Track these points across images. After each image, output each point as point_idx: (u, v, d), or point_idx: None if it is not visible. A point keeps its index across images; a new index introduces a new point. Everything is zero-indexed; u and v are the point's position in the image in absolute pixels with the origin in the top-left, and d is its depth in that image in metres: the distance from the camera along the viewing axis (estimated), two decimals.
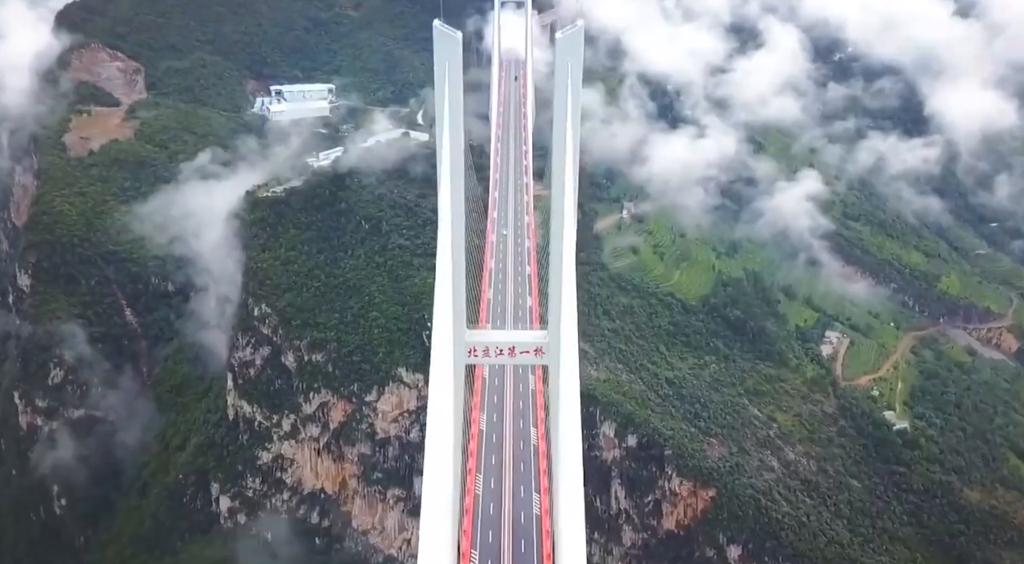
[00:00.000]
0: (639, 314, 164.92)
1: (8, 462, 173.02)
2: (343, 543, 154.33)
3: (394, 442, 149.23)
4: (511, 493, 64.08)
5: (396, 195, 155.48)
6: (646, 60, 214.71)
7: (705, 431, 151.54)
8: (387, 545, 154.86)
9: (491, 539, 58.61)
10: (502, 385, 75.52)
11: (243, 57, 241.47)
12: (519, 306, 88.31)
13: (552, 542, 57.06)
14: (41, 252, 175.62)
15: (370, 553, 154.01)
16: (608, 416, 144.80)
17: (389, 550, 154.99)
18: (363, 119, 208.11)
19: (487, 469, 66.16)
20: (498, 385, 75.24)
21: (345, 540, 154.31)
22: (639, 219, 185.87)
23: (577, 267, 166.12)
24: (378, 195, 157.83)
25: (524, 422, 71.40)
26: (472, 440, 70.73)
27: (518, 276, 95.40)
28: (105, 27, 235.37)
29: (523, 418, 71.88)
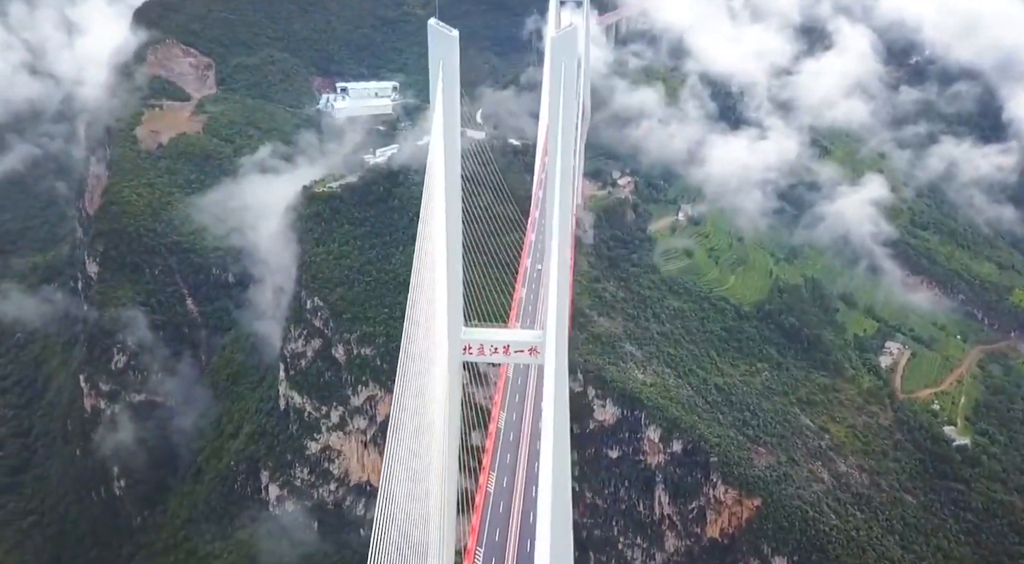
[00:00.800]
0: (690, 318, 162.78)
1: (73, 443, 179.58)
2: None
3: None
4: (522, 492, 64.20)
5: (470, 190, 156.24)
6: (709, 60, 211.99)
7: (753, 439, 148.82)
8: None
9: (497, 537, 58.79)
10: (524, 384, 75.54)
11: (311, 54, 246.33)
12: None
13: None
14: (109, 241, 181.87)
15: None
16: (653, 421, 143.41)
17: None
18: (422, 117, 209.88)
19: (500, 467, 66.36)
20: (520, 384, 75.29)
21: None
22: (695, 222, 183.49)
23: (628, 269, 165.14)
24: None
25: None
26: (489, 438, 71.07)
27: None
28: (180, 24, 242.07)
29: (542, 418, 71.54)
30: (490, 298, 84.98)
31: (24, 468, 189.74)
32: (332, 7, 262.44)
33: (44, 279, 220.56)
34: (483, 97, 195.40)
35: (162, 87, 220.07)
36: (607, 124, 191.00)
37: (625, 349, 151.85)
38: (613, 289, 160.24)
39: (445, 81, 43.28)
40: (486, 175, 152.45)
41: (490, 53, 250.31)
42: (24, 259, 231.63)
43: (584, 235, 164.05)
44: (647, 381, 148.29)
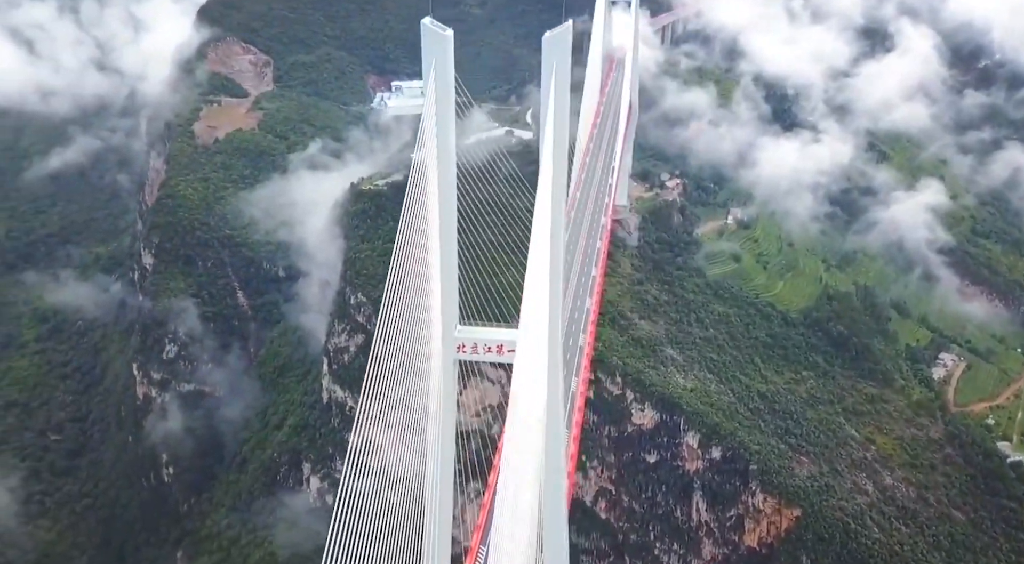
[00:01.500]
0: (735, 324, 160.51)
1: (126, 429, 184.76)
2: None
3: (475, 436, 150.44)
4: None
5: (488, 192, 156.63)
6: (764, 61, 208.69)
7: (795, 448, 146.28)
8: (464, 537, 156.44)
9: None
10: None
11: (367, 52, 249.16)
12: (576, 308, 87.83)
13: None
14: (164, 233, 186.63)
15: None
16: (693, 426, 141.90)
17: (466, 543, 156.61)
18: (474, 116, 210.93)
19: None
20: None
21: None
22: (744, 225, 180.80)
23: (672, 272, 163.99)
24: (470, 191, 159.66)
25: None
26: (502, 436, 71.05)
27: (583, 277, 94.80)
28: (241, 22, 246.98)
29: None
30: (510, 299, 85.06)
31: (80, 452, 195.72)
32: (389, 6, 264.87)
33: (105, 269, 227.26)
34: (530, 96, 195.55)
35: (221, 84, 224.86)
36: (656, 125, 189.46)
37: (666, 353, 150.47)
38: (656, 292, 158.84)
39: (438, 81, 43.12)
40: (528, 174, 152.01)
41: None
42: (87, 250, 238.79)
43: (628, 237, 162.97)
44: (688, 386, 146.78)
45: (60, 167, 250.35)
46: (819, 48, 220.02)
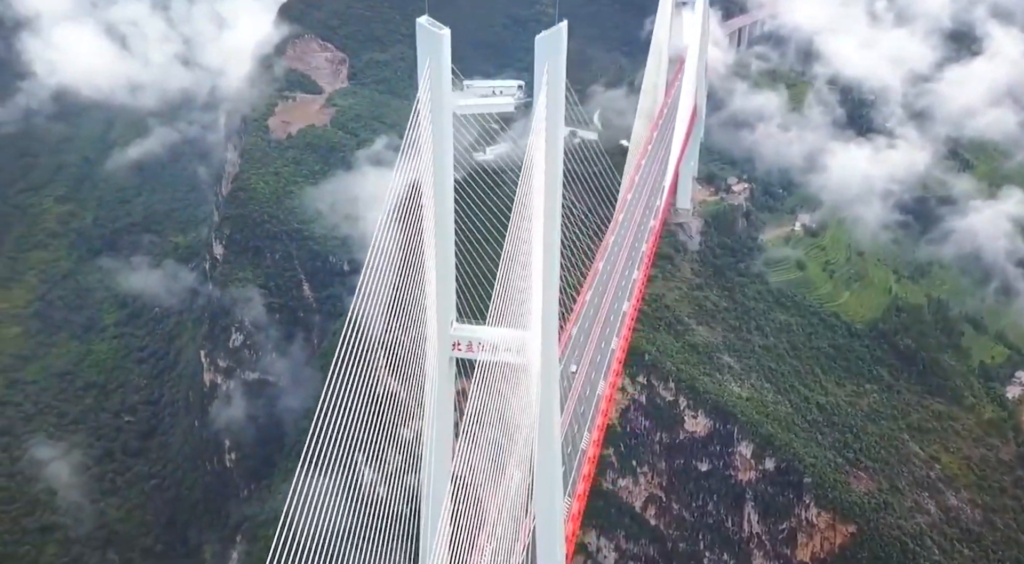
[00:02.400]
0: (796, 333, 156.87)
1: (192, 414, 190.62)
2: None
3: None
4: None
5: None
6: (840, 64, 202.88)
7: (853, 463, 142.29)
8: None
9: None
10: (569, 386, 75.21)
11: None
12: (613, 310, 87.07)
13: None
14: (235, 225, 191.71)
15: None
16: (746, 436, 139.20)
17: None
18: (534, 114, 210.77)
19: None
20: (565, 386, 74.96)
21: None
22: (812, 233, 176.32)
23: (734, 278, 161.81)
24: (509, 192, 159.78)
25: (579, 426, 70.81)
26: None
27: (623, 280, 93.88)
28: (320, 20, 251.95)
29: (579, 422, 71.33)
30: None
31: (151, 434, 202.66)
32: (465, 6, 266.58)
33: (183, 258, 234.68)
34: (593, 96, 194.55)
35: (297, 80, 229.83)
36: (724, 128, 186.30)
37: (723, 360, 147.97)
38: (716, 298, 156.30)
39: (432, 80, 43.26)
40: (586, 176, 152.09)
41: (618, 53, 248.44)
42: (167, 239, 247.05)
43: (689, 241, 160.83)
44: (743, 395, 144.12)
45: (144, 159, 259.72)
46: (901, 51, 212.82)
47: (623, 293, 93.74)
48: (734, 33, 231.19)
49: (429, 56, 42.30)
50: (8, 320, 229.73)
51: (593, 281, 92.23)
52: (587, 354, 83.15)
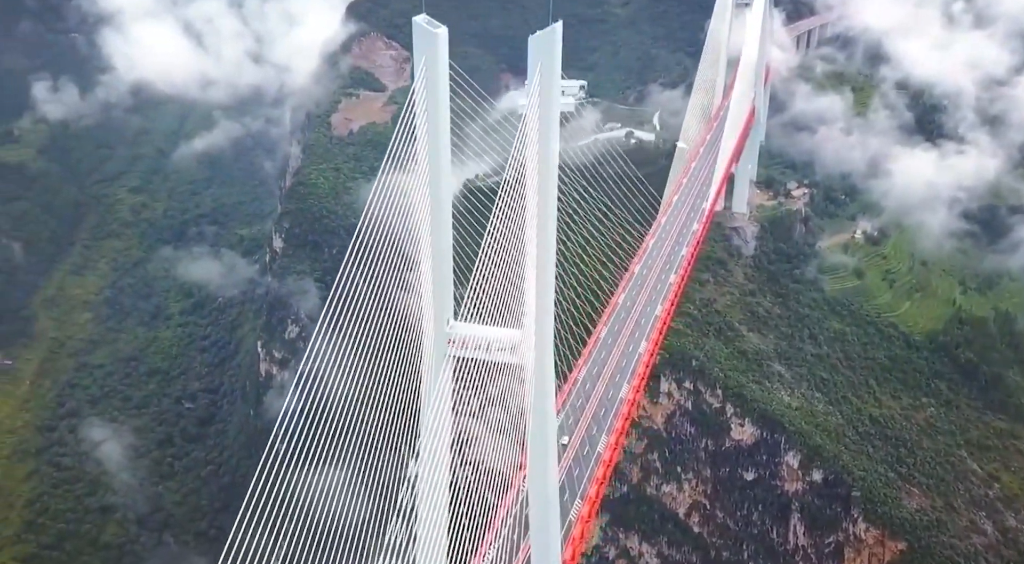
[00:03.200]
0: (851, 343, 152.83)
1: (249, 403, 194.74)
2: None
3: None
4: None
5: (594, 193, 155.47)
6: (910, 67, 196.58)
7: (906, 478, 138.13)
8: None
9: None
10: (591, 389, 74.65)
11: (504, 51, 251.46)
12: (644, 314, 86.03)
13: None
14: (294, 219, 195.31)
15: None
16: (794, 446, 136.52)
17: None
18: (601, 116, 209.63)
19: None
20: (589, 389, 74.46)
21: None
22: (874, 241, 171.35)
23: (788, 285, 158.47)
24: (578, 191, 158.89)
25: (598, 429, 70.17)
26: None
27: (658, 283, 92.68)
28: (386, 19, 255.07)
29: (599, 424, 70.69)
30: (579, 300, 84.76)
31: (210, 421, 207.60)
32: (531, 5, 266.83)
33: (247, 251, 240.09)
34: (649, 97, 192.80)
35: (361, 77, 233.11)
36: (785, 131, 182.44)
37: (773, 368, 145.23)
38: (768, 304, 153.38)
39: (429, 79, 43.25)
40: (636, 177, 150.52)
41: (683, 53, 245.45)
42: (233, 231, 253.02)
43: (744, 246, 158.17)
44: (792, 404, 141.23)
45: (214, 152, 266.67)
46: (977, 54, 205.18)
47: (657, 296, 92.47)
48: (802, 35, 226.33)
49: (425, 54, 42.15)
50: (80, 306, 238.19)
51: (627, 284, 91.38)
52: (613, 357, 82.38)
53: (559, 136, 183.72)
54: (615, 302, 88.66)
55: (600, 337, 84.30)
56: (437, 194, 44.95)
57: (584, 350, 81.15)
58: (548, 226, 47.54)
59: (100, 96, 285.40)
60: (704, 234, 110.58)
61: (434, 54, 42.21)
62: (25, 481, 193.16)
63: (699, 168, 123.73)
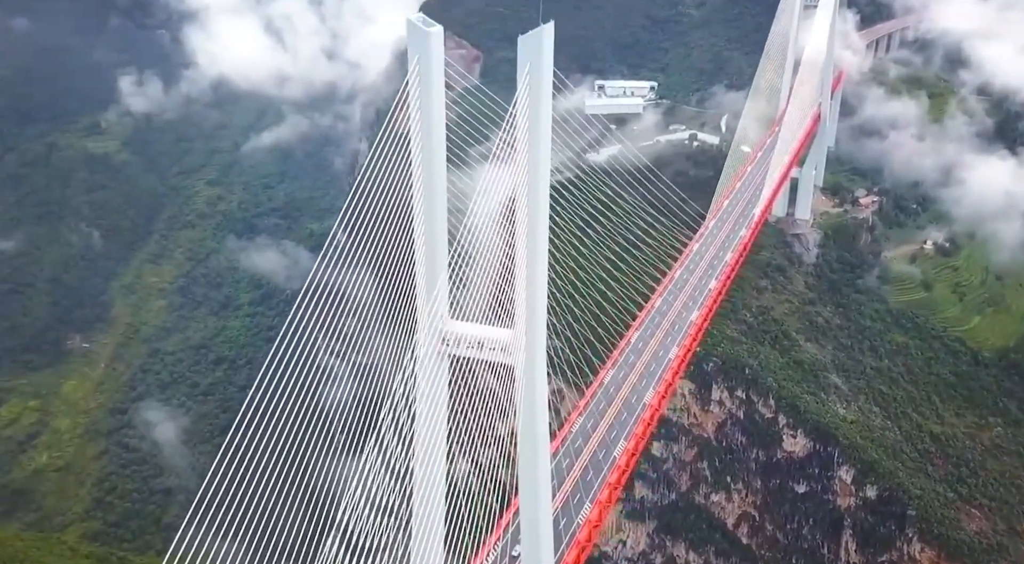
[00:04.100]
0: (914, 357, 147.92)
1: None
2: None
3: None
4: (566, 498, 63.17)
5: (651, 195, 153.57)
6: (992, 72, 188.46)
7: (966, 499, 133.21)
8: (603, 541, 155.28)
9: None
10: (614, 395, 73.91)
11: (574, 50, 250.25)
12: (678, 318, 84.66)
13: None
14: None
15: None
16: (848, 460, 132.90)
17: (604, 547, 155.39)
18: (667, 118, 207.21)
19: (557, 473, 65.47)
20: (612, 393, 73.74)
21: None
22: (944, 252, 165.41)
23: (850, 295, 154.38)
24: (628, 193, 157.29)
25: (617, 433, 69.35)
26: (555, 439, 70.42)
27: (697, 289, 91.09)
28: (458, 17, 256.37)
29: (618, 428, 69.86)
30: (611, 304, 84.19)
31: None
32: (604, 5, 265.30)
33: (317, 245, 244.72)
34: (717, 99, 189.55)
35: None
36: (853, 135, 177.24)
37: (829, 380, 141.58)
38: (828, 314, 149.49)
39: (423, 78, 43.29)
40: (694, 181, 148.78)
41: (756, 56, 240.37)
42: (304, 225, 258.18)
43: (806, 253, 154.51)
44: (848, 417, 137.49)
45: (289, 148, 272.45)
46: None
47: (694, 302, 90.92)
48: (882, 38, 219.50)
49: (419, 53, 42.24)
50: (156, 293, 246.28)
51: (666, 288, 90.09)
52: (641, 361, 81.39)
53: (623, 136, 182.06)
54: (650, 306, 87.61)
55: (631, 340, 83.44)
56: (431, 190, 44.85)
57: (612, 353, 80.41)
58: (538, 229, 47.16)
59: (182, 90, 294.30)
60: (752, 240, 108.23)
61: (427, 53, 42.11)
62: (96, 460, 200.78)
63: (755, 172, 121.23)
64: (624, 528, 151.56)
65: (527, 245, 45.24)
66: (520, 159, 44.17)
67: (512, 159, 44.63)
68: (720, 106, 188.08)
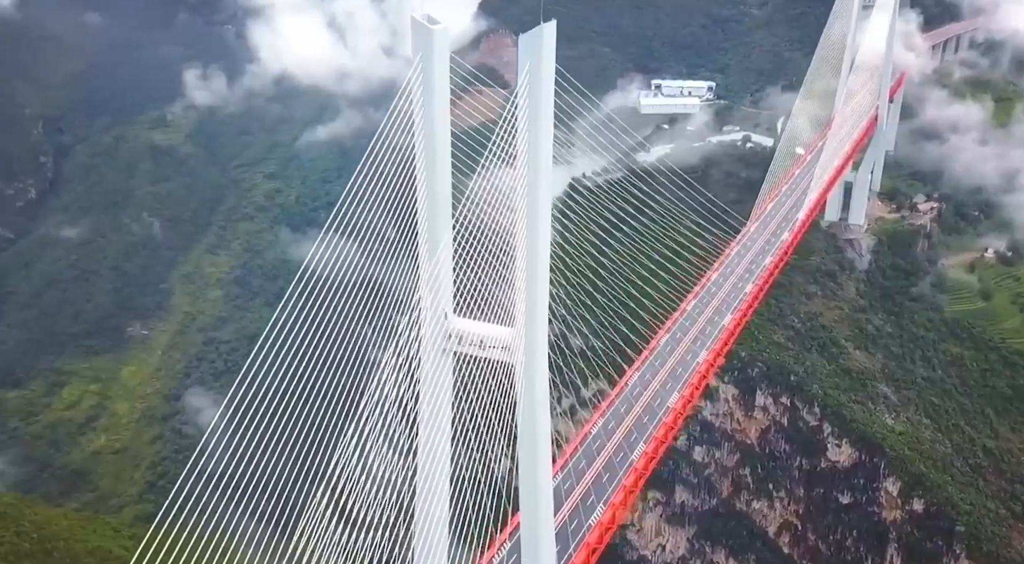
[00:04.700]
0: (969, 368, 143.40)
1: None
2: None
3: None
4: (580, 500, 62.80)
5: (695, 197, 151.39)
6: None
7: (1020, 517, 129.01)
8: (642, 545, 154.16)
9: None
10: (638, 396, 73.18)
11: (631, 50, 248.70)
12: (709, 321, 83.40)
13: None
14: None
15: (625, 547, 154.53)
16: (894, 472, 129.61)
17: (644, 551, 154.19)
18: (722, 118, 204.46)
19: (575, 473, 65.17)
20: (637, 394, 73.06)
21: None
22: (1006, 261, 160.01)
23: (903, 303, 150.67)
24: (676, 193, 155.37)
25: (639, 434, 68.65)
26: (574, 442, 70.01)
27: (732, 292, 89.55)
28: (516, 16, 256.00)
29: (640, 431, 69.15)
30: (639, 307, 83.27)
31: None
32: (664, 4, 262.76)
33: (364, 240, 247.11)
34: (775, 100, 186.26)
35: (485, 74, 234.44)
36: (914, 139, 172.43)
37: (878, 389, 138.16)
38: (879, 322, 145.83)
39: (425, 76, 43.13)
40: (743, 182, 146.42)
41: None
42: None
43: (858, 259, 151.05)
44: (896, 428, 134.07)
45: (345, 142, 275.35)
46: None
47: (728, 306, 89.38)
48: (949, 40, 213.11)
49: (421, 50, 42.16)
50: (213, 283, 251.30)
51: (700, 292, 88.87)
52: (667, 364, 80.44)
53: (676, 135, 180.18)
54: (682, 309, 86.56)
55: (658, 344, 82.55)
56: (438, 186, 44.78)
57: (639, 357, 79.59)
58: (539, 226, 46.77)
59: (245, 85, 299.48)
60: (795, 244, 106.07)
61: (431, 51, 41.96)
62: (151, 445, 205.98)
63: (804, 175, 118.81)
64: (664, 532, 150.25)
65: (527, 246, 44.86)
66: (520, 160, 43.72)
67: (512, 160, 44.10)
68: (776, 107, 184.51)
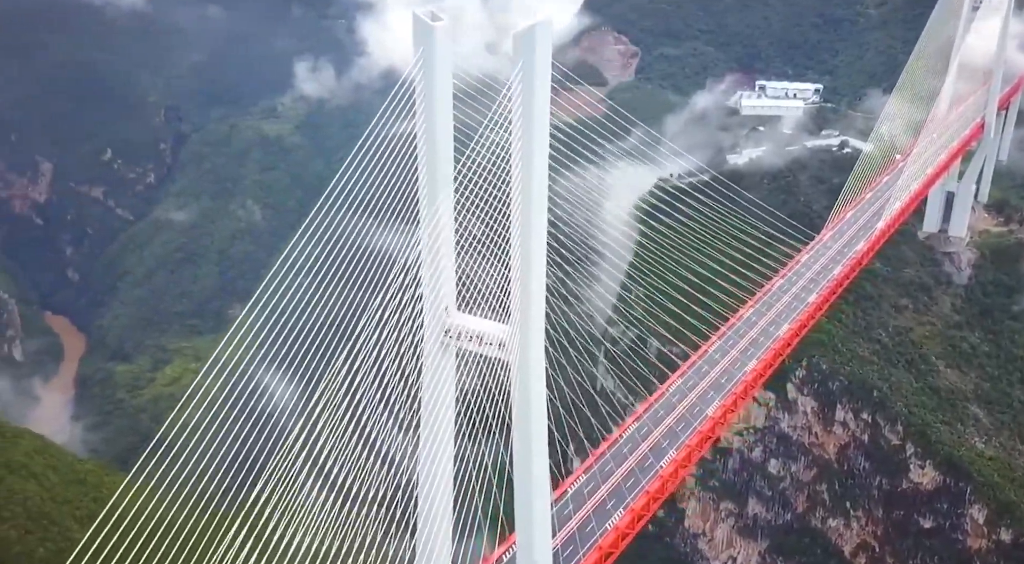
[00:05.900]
0: None
1: None
2: (673, 538, 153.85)
3: (735, 455, 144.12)
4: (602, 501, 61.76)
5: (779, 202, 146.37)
6: None
7: None
8: (713, 555, 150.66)
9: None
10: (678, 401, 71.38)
11: (737, 49, 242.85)
12: (763, 331, 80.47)
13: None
14: None
15: (696, 557, 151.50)
16: (981, 498, 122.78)
17: (714, 561, 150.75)
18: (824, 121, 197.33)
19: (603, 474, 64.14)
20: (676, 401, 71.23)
21: (675, 536, 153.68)
22: None
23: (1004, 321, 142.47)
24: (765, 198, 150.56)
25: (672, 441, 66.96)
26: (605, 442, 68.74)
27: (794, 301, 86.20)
28: (620, 13, 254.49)
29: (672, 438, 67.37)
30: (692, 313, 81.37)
31: None
32: (775, 3, 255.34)
33: None
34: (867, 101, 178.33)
35: (585, 71, 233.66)
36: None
37: (969, 410, 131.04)
38: (975, 340, 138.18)
39: (426, 73, 42.69)
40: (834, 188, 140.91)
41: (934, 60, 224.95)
42: None
43: (956, 273, 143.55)
44: (986, 452, 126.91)
45: None
46: None
47: (785, 316, 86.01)
48: None
49: (423, 46, 41.88)
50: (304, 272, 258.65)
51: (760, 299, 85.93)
52: (712, 372, 78.03)
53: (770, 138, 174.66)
54: (739, 315, 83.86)
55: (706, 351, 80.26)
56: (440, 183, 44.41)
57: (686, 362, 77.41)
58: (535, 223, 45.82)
59: (353, 78, 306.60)
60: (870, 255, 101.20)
61: (432, 48, 41.60)
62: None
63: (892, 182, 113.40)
64: (735, 544, 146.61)
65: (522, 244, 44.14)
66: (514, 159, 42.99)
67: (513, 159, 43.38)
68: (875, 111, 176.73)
